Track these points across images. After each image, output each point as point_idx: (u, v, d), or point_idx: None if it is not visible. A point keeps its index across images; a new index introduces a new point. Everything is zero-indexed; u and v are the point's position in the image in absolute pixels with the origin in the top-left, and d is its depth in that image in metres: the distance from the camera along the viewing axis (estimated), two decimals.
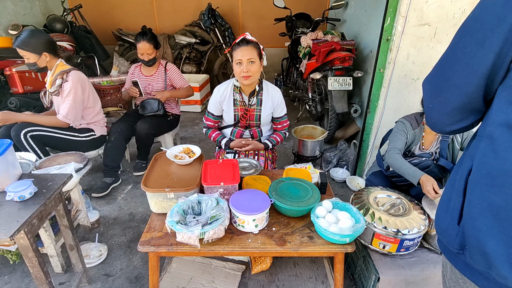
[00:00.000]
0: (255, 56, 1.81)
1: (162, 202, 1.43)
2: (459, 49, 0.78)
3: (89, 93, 2.36)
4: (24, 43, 2.07)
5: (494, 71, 0.69)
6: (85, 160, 1.91)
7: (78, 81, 2.22)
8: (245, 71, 1.80)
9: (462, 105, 0.79)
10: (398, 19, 2.10)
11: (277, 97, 2.04)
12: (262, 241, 1.31)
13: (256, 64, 1.83)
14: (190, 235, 1.19)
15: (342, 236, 1.25)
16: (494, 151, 0.72)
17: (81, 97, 2.27)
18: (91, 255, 1.87)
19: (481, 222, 0.74)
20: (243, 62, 1.79)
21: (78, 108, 2.28)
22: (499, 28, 0.64)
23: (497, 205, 0.71)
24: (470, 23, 0.75)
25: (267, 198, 1.39)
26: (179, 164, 1.60)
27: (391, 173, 2.02)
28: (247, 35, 1.87)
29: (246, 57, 1.78)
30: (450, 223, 0.84)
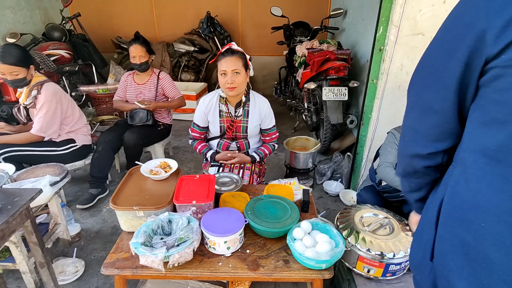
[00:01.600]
0: (240, 67, 1.76)
1: (132, 221, 1.36)
2: (430, 62, 0.72)
3: (67, 103, 2.32)
4: (16, 58, 2.00)
5: (464, 85, 0.62)
6: (64, 172, 1.86)
7: (53, 94, 2.17)
8: (230, 82, 1.75)
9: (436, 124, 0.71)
10: (390, 28, 2.02)
11: (264, 108, 1.98)
12: (233, 265, 1.22)
13: (241, 75, 1.78)
14: (153, 259, 1.12)
15: (318, 262, 1.16)
16: (466, 180, 0.64)
17: (56, 110, 2.21)
18: (67, 271, 1.81)
19: (451, 261, 0.65)
20: (227, 73, 1.74)
21: (53, 121, 2.23)
22: (467, 36, 0.59)
23: (467, 243, 0.62)
24: (440, 34, 0.69)
25: (241, 218, 1.31)
26: (154, 179, 1.53)
27: (383, 188, 1.92)
28: (233, 45, 1.82)
29: (230, 68, 1.73)
30: (423, 258, 0.75)
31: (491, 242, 0.58)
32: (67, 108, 2.31)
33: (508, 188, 0.56)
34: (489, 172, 0.59)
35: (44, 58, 3.67)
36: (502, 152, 0.57)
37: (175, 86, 2.89)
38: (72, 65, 4.01)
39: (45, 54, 3.73)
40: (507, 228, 0.56)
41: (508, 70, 0.54)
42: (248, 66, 1.86)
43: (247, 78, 1.86)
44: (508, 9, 0.52)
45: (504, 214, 0.57)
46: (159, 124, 2.89)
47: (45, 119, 2.18)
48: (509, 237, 0.56)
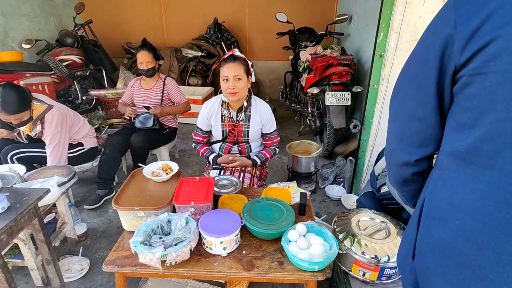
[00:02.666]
0: (242, 73, 1.79)
1: (133, 220, 1.41)
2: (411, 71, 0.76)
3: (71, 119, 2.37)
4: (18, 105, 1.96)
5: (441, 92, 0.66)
6: (71, 173, 1.93)
7: (57, 124, 2.19)
8: (231, 88, 1.79)
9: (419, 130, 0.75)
10: (391, 35, 2.05)
11: (265, 113, 2.01)
12: (229, 265, 1.26)
13: (243, 80, 1.81)
14: (151, 257, 1.16)
15: (311, 263, 1.19)
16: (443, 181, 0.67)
17: (63, 136, 2.26)
18: (72, 269, 1.87)
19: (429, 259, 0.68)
20: (229, 79, 1.78)
21: (63, 146, 2.27)
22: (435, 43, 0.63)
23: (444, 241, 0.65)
24: (418, 45, 0.73)
25: (238, 219, 1.34)
26: (156, 181, 1.58)
27: (382, 195, 1.92)
28: (235, 51, 1.87)
29: (232, 74, 1.77)
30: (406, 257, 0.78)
31: (464, 239, 0.61)
32: (72, 124, 2.37)
33: (479, 187, 0.59)
34: (462, 173, 0.62)
35: (57, 64, 3.81)
36: (472, 154, 0.60)
37: (181, 91, 2.96)
38: (83, 70, 4.14)
39: (58, 60, 3.87)
40: (479, 225, 0.59)
41: (475, 78, 0.57)
42: (250, 72, 1.90)
43: (248, 84, 1.90)
44: (474, 20, 0.56)
45: (475, 212, 0.59)
46: (165, 128, 2.96)
47: (58, 151, 2.23)
48: (480, 233, 0.59)
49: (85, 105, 4.13)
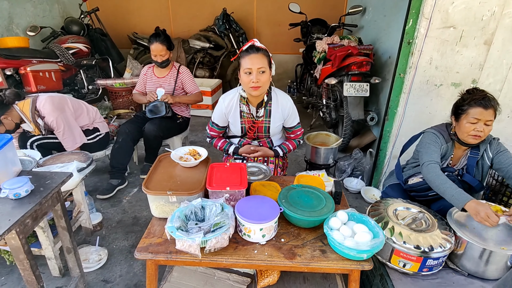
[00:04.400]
0: (266, 65, 1.65)
1: (164, 206, 1.33)
2: None
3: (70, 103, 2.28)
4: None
5: None
6: (89, 159, 1.85)
7: (53, 108, 2.12)
8: (255, 81, 1.63)
9: None
10: (421, 21, 1.98)
11: (288, 106, 1.87)
12: (269, 253, 1.19)
13: (267, 73, 1.66)
14: (190, 243, 1.09)
15: (359, 251, 1.12)
16: None
17: (67, 116, 2.19)
18: (90, 259, 1.79)
19: None
20: (253, 72, 1.62)
21: (73, 128, 2.22)
22: None
23: None
24: None
25: (276, 206, 1.28)
26: (184, 166, 1.51)
27: (410, 187, 1.86)
28: (256, 41, 1.71)
29: (256, 66, 1.61)
30: None
31: None
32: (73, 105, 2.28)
33: None
34: None
35: (63, 51, 3.70)
36: None
37: (194, 81, 2.87)
38: (89, 59, 4.03)
39: (64, 47, 3.76)
40: None
41: None
42: (271, 65, 1.74)
43: (270, 78, 1.73)
44: None
45: None
46: (178, 117, 2.87)
47: (70, 134, 2.17)
48: None
49: (91, 95, 4.02)
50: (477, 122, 1.55)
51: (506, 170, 1.63)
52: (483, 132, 1.55)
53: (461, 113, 1.60)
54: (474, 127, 1.56)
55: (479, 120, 1.54)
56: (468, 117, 1.57)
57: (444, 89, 2.14)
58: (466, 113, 1.58)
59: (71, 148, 2.19)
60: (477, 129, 1.56)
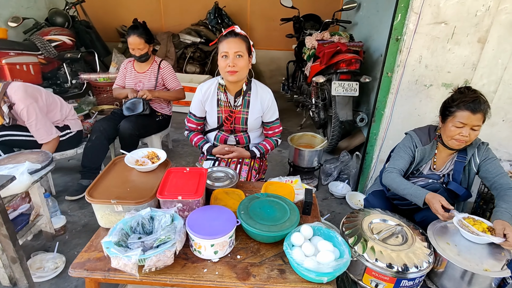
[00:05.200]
0: (243, 50, 1.60)
1: (110, 216, 1.20)
2: None
3: (42, 93, 2.14)
4: None
5: None
6: (47, 160, 1.71)
7: (25, 95, 1.98)
8: (231, 65, 1.58)
9: None
10: (410, 16, 1.83)
11: (267, 98, 1.80)
12: (220, 272, 1.06)
13: (244, 58, 1.61)
14: (126, 262, 0.96)
15: (319, 274, 0.99)
16: None
17: (39, 107, 2.05)
18: (45, 267, 1.67)
19: None
20: (229, 55, 1.58)
21: (45, 119, 2.08)
22: None
23: None
24: None
25: (233, 218, 1.14)
26: (139, 171, 1.37)
27: (393, 194, 1.72)
28: (236, 28, 1.66)
29: (233, 50, 1.57)
30: None
31: None
32: (45, 97, 2.14)
33: None
34: None
35: (44, 43, 3.56)
36: None
37: (176, 77, 2.74)
38: (74, 52, 3.88)
39: (46, 40, 3.62)
40: None
41: None
42: (251, 52, 1.70)
43: (249, 65, 1.70)
44: None
45: None
46: (158, 115, 2.74)
47: (43, 126, 2.03)
48: None
49: (75, 90, 3.88)
50: (463, 127, 1.43)
51: (492, 180, 1.51)
52: (469, 137, 1.43)
53: (448, 114, 1.48)
54: (460, 132, 1.44)
55: (465, 124, 1.42)
56: (454, 120, 1.44)
57: (434, 89, 1.99)
58: (453, 116, 1.45)
59: (46, 140, 2.05)
60: (462, 134, 1.44)
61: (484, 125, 2.09)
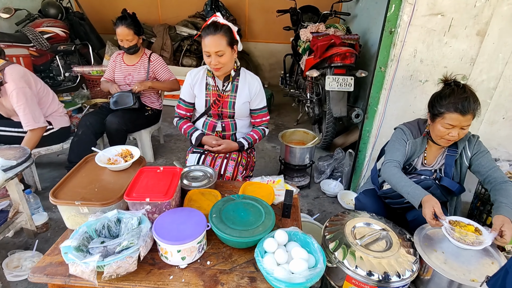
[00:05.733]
0: (224, 46, 1.58)
1: (76, 217, 1.15)
2: None
3: (38, 83, 2.10)
4: None
5: None
6: (24, 156, 1.66)
7: (20, 78, 1.94)
8: (214, 64, 1.61)
9: None
10: (404, 6, 1.73)
11: (255, 85, 1.80)
12: (187, 280, 1.00)
13: (226, 54, 1.61)
14: (83, 269, 0.91)
15: (289, 284, 0.92)
16: None
17: (31, 93, 2.00)
18: (23, 265, 1.63)
19: None
20: (211, 55, 1.59)
21: (35, 106, 2.02)
22: None
23: None
24: None
25: (203, 221, 1.08)
26: (111, 170, 1.31)
27: (384, 193, 1.65)
28: (218, 17, 1.62)
29: (213, 50, 1.57)
30: None
31: None
32: (40, 88, 2.10)
33: None
34: None
35: (36, 35, 3.50)
36: None
37: (168, 69, 2.66)
38: (68, 44, 3.82)
39: (38, 32, 3.56)
40: None
41: None
42: (235, 41, 1.66)
43: (234, 54, 1.68)
44: None
45: None
46: (147, 109, 2.67)
47: (30, 109, 1.97)
48: None
49: (68, 83, 3.83)
50: (453, 128, 1.37)
51: (486, 174, 1.45)
52: (457, 137, 1.39)
53: (437, 114, 1.41)
54: (449, 132, 1.39)
55: (454, 126, 1.36)
56: (443, 122, 1.38)
57: (430, 85, 1.89)
58: (442, 117, 1.39)
59: (32, 126, 1.99)
60: (451, 134, 1.39)
61: (483, 123, 2.03)
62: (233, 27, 1.64)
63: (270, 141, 3.25)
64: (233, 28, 1.63)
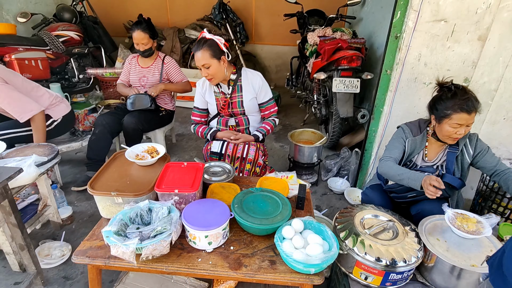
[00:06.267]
0: (209, 60, 1.76)
1: (111, 207, 1.27)
2: None
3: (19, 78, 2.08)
4: None
5: None
6: (53, 153, 1.79)
7: None
8: (205, 75, 1.82)
9: None
10: (409, 13, 1.83)
11: (257, 81, 1.98)
12: (214, 262, 1.11)
13: (213, 66, 1.78)
14: (124, 250, 1.02)
15: (307, 265, 1.03)
16: None
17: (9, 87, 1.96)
18: (53, 254, 1.75)
19: None
20: (203, 68, 1.79)
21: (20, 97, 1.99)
22: None
23: None
24: None
25: (227, 211, 1.19)
26: (139, 165, 1.43)
27: (390, 188, 1.76)
28: (204, 33, 1.81)
29: (200, 63, 1.77)
30: None
31: None
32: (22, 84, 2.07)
33: None
34: None
35: (53, 39, 3.64)
36: None
37: (181, 71, 2.79)
38: (81, 47, 3.96)
39: (54, 35, 3.69)
40: None
41: None
42: (221, 52, 1.80)
43: (223, 64, 1.84)
44: None
45: None
46: (161, 110, 2.80)
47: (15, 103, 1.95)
48: None
49: (82, 84, 3.96)
50: (460, 126, 1.47)
51: (494, 169, 1.59)
52: (463, 134, 1.50)
53: (444, 116, 1.52)
54: (456, 131, 1.50)
55: (461, 125, 1.47)
56: (451, 122, 1.49)
57: (434, 87, 1.99)
58: (449, 118, 1.50)
59: (25, 117, 1.98)
60: (459, 132, 1.51)
61: (485, 123, 2.13)
62: (219, 40, 1.78)
63: (278, 140, 3.36)
64: (218, 41, 1.77)
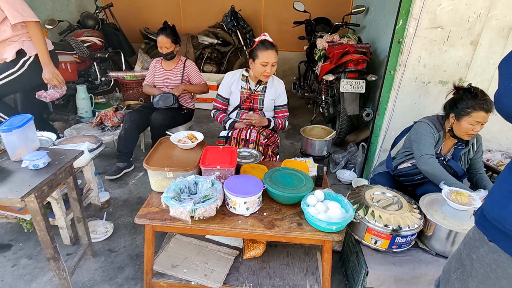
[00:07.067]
0: (276, 59, 2.06)
1: (162, 181, 1.51)
2: None
3: None
4: None
5: None
6: (99, 142, 2.04)
7: None
8: (269, 72, 2.06)
9: None
10: (410, 21, 2.10)
11: (280, 87, 2.26)
12: (251, 224, 1.35)
13: (275, 66, 2.08)
14: (182, 210, 1.26)
15: (329, 223, 1.27)
16: None
17: None
18: (98, 231, 1.99)
19: None
20: (268, 65, 2.03)
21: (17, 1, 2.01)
22: None
23: None
24: None
25: (260, 184, 1.44)
26: (182, 148, 1.68)
27: (399, 172, 1.99)
28: (267, 36, 2.07)
29: (272, 61, 2.02)
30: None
31: None
32: None
33: None
34: None
35: (79, 44, 3.92)
36: None
37: (200, 74, 3.05)
38: (103, 52, 4.24)
39: (80, 40, 3.98)
40: None
41: None
42: None
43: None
44: None
45: None
46: (183, 108, 3.05)
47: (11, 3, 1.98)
48: None
49: (104, 86, 4.24)
50: (477, 124, 1.69)
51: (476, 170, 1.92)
52: (478, 131, 1.72)
53: (464, 114, 1.70)
54: (473, 128, 1.70)
55: (479, 122, 1.68)
56: (470, 119, 1.68)
57: (432, 86, 2.26)
58: (469, 115, 1.68)
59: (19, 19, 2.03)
60: (475, 129, 1.70)
61: None
62: None
63: (288, 138, 3.61)
64: None
